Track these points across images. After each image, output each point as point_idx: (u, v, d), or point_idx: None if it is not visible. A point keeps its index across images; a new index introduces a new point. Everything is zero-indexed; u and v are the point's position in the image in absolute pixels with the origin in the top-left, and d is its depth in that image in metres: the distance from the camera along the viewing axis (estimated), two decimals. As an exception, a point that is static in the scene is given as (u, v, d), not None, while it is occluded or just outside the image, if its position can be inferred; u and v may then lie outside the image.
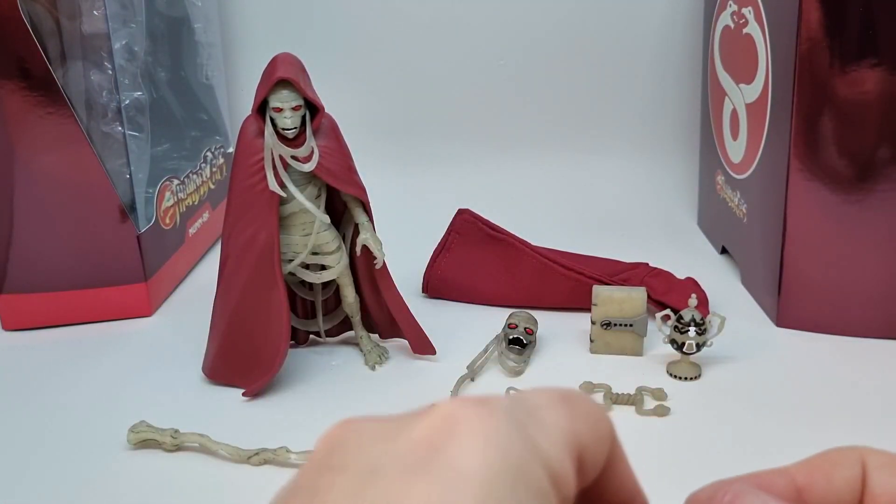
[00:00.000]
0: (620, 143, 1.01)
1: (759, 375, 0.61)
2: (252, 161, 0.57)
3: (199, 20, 0.87)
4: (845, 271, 0.64)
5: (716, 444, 0.52)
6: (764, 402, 0.57)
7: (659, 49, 0.99)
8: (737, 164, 0.77)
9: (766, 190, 0.69)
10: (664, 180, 1.00)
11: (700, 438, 0.53)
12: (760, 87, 0.69)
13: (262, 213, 0.58)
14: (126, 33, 0.70)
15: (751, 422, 0.54)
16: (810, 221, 0.64)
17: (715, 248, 0.85)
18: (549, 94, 1.01)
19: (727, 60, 0.79)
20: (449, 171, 1.01)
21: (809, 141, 0.62)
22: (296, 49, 0.61)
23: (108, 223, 0.69)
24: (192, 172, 0.82)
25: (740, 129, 0.75)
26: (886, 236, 0.63)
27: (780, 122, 0.65)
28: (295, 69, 0.57)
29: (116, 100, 0.68)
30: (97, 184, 0.67)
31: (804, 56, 0.61)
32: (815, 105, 0.61)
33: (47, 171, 0.66)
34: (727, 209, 0.80)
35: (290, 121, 0.56)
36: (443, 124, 1.03)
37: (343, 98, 0.84)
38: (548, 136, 1.02)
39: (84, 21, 0.66)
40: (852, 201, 0.63)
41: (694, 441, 0.53)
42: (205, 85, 0.88)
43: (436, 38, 1.00)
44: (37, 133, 0.65)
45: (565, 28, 0.99)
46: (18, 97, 0.64)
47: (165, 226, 0.75)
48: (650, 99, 1.01)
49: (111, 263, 0.70)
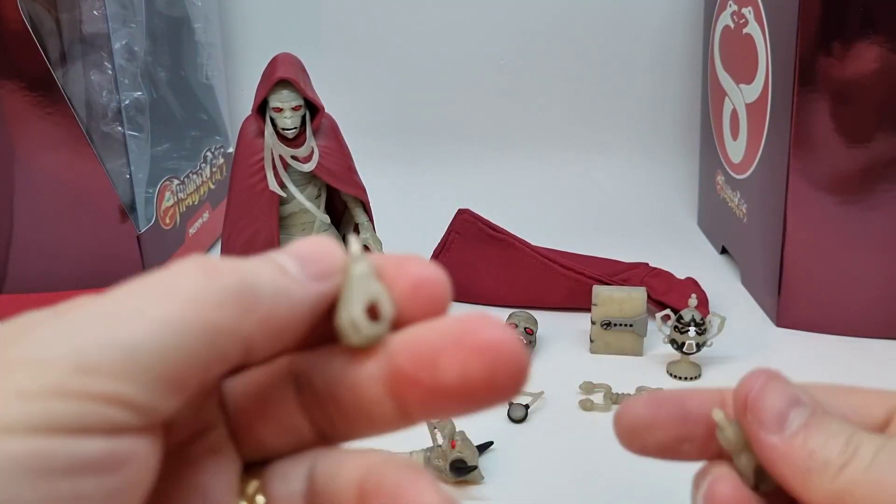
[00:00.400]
0: (620, 144, 1.01)
1: (759, 375, 0.61)
2: (252, 161, 0.57)
3: (199, 20, 0.86)
4: (845, 271, 0.64)
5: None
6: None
7: (659, 49, 0.99)
8: (737, 164, 0.77)
9: (765, 190, 0.69)
10: (664, 180, 0.99)
11: (700, 438, 0.53)
12: (760, 87, 0.69)
13: (263, 213, 0.58)
14: (126, 33, 0.69)
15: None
16: (810, 221, 0.64)
17: (715, 248, 0.85)
18: (550, 94, 1.01)
19: (727, 60, 0.79)
20: (449, 170, 1.00)
21: (809, 141, 0.62)
22: (296, 49, 0.61)
23: (108, 223, 0.69)
24: (192, 172, 0.82)
25: (740, 129, 0.75)
26: (887, 236, 0.63)
27: (780, 122, 0.65)
28: (295, 69, 0.57)
29: (116, 100, 0.68)
30: (97, 184, 0.67)
31: (804, 56, 0.61)
32: (815, 105, 0.61)
33: (47, 171, 0.66)
34: (727, 209, 0.80)
35: (291, 121, 0.56)
36: (443, 124, 1.03)
37: (343, 98, 0.84)
38: (548, 135, 1.02)
39: (84, 21, 0.66)
40: (852, 201, 0.63)
41: (694, 441, 0.53)
42: (205, 85, 0.88)
43: (436, 37, 1.00)
44: (37, 133, 0.65)
45: (566, 27, 0.99)
46: (18, 97, 0.63)
47: (165, 226, 0.75)
48: (650, 99, 1.00)
49: (111, 263, 0.70)
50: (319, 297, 0.21)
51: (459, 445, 0.47)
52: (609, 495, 0.47)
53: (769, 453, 0.26)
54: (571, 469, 0.50)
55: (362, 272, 0.22)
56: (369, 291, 0.21)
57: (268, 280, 0.20)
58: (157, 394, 0.18)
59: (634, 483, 0.48)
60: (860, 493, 0.24)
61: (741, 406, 0.26)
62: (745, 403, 0.26)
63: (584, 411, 0.56)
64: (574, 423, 0.55)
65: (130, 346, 0.18)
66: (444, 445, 0.48)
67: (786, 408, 0.26)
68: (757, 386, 0.26)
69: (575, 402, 0.57)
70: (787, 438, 0.26)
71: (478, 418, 0.59)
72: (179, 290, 0.19)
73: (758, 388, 0.26)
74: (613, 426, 0.27)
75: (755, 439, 0.26)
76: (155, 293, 0.19)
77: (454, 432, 0.48)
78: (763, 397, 0.26)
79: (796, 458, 0.26)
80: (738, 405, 0.27)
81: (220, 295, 0.19)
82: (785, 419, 0.26)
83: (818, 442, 0.26)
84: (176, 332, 0.18)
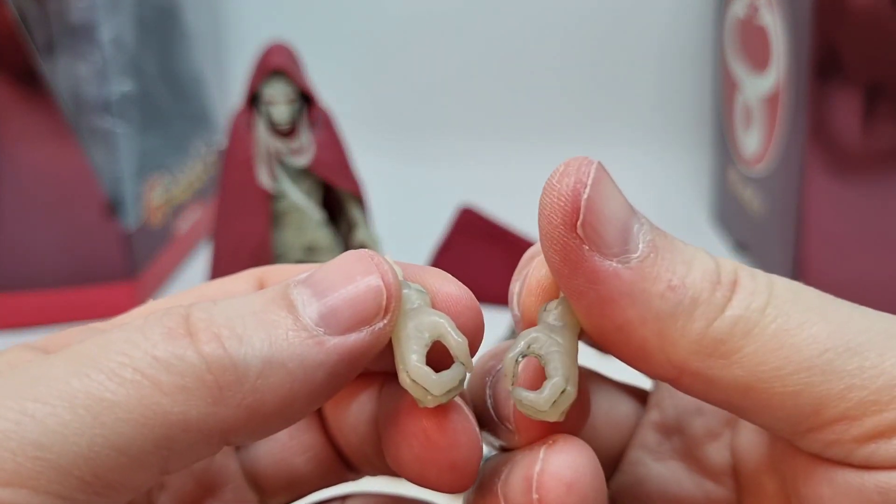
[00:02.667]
0: (630, 139, 1.00)
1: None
2: (244, 156, 0.57)
3: (189, 10, 0.85)
4: (864, 268, 0.63)
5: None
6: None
7: (669, 42, 0.98)
8: (750, 158, 0.75)
9: (780, 185, 0.68)
10: (676, 175, 0.99)
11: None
12: (774, 79, 0.68)
13: (255, 209, 0.57)
14: (114, 23, 0.69)
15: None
16: (827, 216, 0.63)
17: (728, 244, 0.83)
18: (557, 88, 1.00)
19: (739, 52, 0.78)
20: (451, 165, 0.99)
21: (826, 134, 0.61)
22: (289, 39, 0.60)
23: (94, 219, 0.68)
24: (183, 167, 0.80)
25: (753, 123, 0.74)
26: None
27: (795, 114, 0.63)
28: (289, 59, 0.56)
29: (104, 92, 0.67)
30: (83, 179, 0.66)
31: (820, 46, 0.59)
32: (832, 96, 0.60)
33: (32, 166, 0.65)
34: (740, 204, 0.79)
35: (284, 113, 0.55)
36: (444, 117, 1.01)
37: (340, 91, 0.83)
38: (556, 131, 1.01)
39: (71, 11, 0.65)
40: (872, 196, 0.62)
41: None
42: (195, 77, 0.87)
43: (438, 26, 0.99)
44: (22, 126, 0.64)
45: (573, 19, 0.98)
46: (3, 89, 0.63)
47: (154, 223, 0.74)
48: (661, 93, 1.00)
49: (98, 261, 0.69)
50: (350, 355, 0.15)
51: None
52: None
53: (608, 290, 0.17)
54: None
55: (411, 304, 0.16)
56: (426, 327, 0.16)
57: (261, 346, 0.15)
58: (76, 499, 0.13)
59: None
60: (754, 344, 0.16)
61: (564, 221, 0.17)
62: (573, 215, 0.17)
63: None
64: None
65: (33, 440, 0.13)
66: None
67: (627, 219, 0.18)
68: (588, 184, 0.17)
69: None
70: (635, 265, 0.17)
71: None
72: (126, 359, 0.14)
73: (592, 191, 0.17)
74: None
75: (584, 272, 0.17)
76: (88, 362, 0.14)
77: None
78: (601, 204, 0.17)
79: (652, 294, 0.17)
80: (557, 222, 0.17)
81: (181, 375, 0.14)
82: (628, 236, 0.17)
83: (678, 270, 0.17)
84: (107, 423, 0.13)
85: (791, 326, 0.17)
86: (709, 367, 0.16)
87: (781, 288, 0.18)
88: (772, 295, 0.17)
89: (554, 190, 0.17)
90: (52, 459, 0.13)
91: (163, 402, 0.13)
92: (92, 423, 0.13)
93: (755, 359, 0.16)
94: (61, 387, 0.13)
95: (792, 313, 0.17)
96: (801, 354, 0.16)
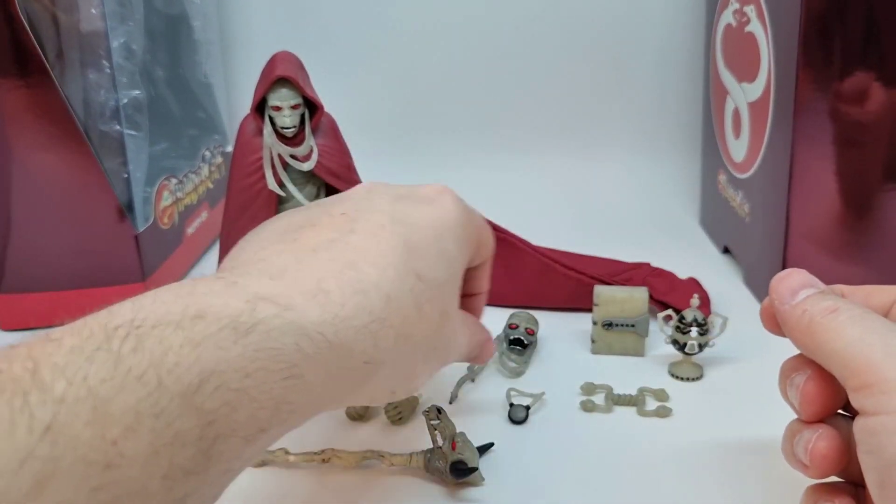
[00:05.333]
0: (622, 143, 1.01)
1: (762, 376, 0.60)
2: (250, 160, 0.57)
3: (197, 18, 0.86)
4: (849, 271, 0.64)
5: (718, 444, 0.52)
6: (767, 403, 0.57)
7: (660, 48, 0.99)
8: (739, 163, 0.76)
9: (768, 189, 0.69)
10: (666, 180, 0.99)
11: (702, 439, 0.53)
12: (763, 86, 0.69)
13: (261, 212, 0.58)
14: (124, 31, 0.69)
15: (753, 422, 0.54)
16: (813, 221, 0.64)
17: (717, 248, 0.84)
18: (550, 93, 1.01)
19: (729, 59, 0.78)
20: (449, 170, 1.00)
21: (812, 140, 0.62)
22: (295, 47, 0.60)
23: (105, 223, 0.68)
24: (191, 171, 0.81)
25: (742, 128, 0.75)
26: (892, 236, 0.62)
27: (783, 120, 0.64)
28: (294, 67, 0.57)
29: (114, 98, 0.68)
30: (95, 183, 0.67)
31: (807, 54, 0.60)
32: (818, 104, 0.61)
33: (44, 171, 0.66)
34: (729, 208, 0.79)
35: (289, 119, 0.56)
36: (443, 123, 1.02)
37: (343, 97, 0.83)
38: (549, 135, 1.01)
39: (82, 19, 0.66)
40: (857, 201, 0.62)
41: (696, 442, 0.52)
42: (203, 83, 0.88)
43: (437, 36, 1.00)
44: (34, 132, 0.65)
45: (566, 26, 0.98)
46: (15, 95, 0.63)
47: (163, 225, 0.75)
48: (652, 98, 1.00)
49: (109, 263, 0.69)
50: None
51: (460, 447, 0.47)
52: (610, 497, 0.47)
53: (780, 320, 0.36)
54: (572, 470, 0.49)
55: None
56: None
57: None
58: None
59: (636, 484, 0.48)
60: (816, 333, 0.34)
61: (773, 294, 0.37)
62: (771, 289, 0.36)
63: (586, 412, 0.56)
64: (575, 424, 0.54)
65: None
66: (444, 447, 0.47)
67: (798, 286, 0.36)
68: (782, 273, 0.37)
69: (576, 403, 0.56)
70: (792, 305, 0.35)
71: (478, 420, 0.59)
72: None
73: (782, 274, 0.37)
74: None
75: (777, 315, 0.36)
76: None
77: (454, 433, 0.48)
78: (783, 279, 0.37)
79: (793, 316, 0.35)
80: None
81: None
82: (796, 293, 0.36)
83: (812, 305, 0.34)
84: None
85: (837, 328, 0.35)
86: None
87: (846, 313, 0.35)
88: (839, 314, 0.35)
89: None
90: None
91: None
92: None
93: (817, 338, 0.36)
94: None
95: (845, 322, 0.34)
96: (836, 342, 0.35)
